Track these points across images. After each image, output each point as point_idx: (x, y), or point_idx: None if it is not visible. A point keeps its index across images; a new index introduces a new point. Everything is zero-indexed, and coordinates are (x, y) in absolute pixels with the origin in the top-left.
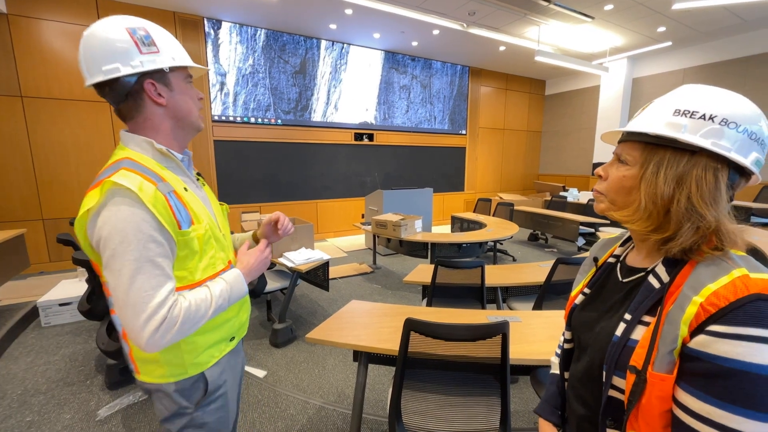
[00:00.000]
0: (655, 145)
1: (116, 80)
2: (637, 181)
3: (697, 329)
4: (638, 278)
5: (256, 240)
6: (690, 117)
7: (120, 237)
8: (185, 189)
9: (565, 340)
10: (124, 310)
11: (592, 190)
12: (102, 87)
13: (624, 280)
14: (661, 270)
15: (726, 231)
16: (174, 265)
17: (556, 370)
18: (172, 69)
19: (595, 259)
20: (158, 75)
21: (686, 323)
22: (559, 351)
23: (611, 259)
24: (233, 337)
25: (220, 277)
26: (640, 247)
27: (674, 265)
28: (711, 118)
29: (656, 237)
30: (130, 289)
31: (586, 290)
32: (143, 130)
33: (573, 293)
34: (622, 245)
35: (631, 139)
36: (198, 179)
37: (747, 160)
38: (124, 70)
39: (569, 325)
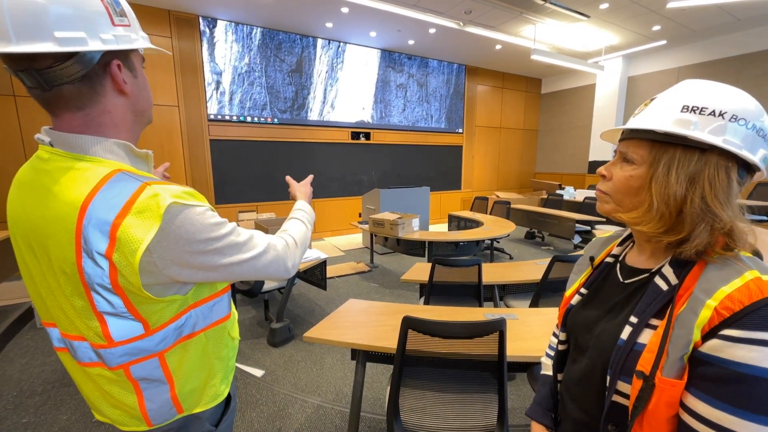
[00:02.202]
0: (663, 143)
1: (72, 55)
2: (645, 181)
3: (710, 333)
4: (642, 279)
5: None
6: (699, 113)
7: (213, 233)
8: None
9: (560, 341)
10: (265, 269)
11: (589, 187)
12: (39, 59)
13: (626, 281)
14: (668, 271)
15: (739, 231)
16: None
17: (548, 371)
18: (133, 50)
19: (591, 259)
20: (123, 56)
21: (699, 327)
22: (551, 352)
23: (609, 259)
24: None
25: (294, 210)
26: (643, 247)
27: (682, 266)
28: (721, 114)
29: (669, 239)
30: (247, 247)
31: (583, 290)
32: (98, 127)
33: (568, 293)
34: (620, 245)
35: (636, 136)
36: None
37: (756, 157)
38: (93, 45)
39: (564, 326)
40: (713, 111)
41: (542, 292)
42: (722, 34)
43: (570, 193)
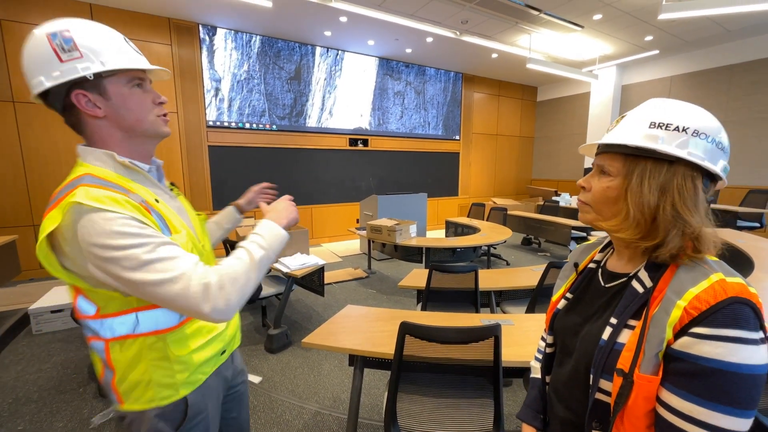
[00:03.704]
0: (635, 156)
1: (47, 94)
2: (621, 191)
3: (681, 331)
4: (621, 283)
5: (238, 209)
6: (665, 129)
7: (113, 240)
8: (156, 200)
9: (547, 345)
10: (170, 301)
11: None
12: (44, 100)
13: (606, 285)
14: (643, 275)
15: (705, 236)
16: None
17: (537, 374)
18: (108, 74)
19: (576, 265)
20: (90, 84)
21: (671, 326)
22: (539, 355)
23: (592, 265)
24: (224, 351)
25: (251, 233)
26: (621, 253)
27: (656, 269)
28: (684, 129)
29: (645, 244)
30: (153, 269)
31: (569, 295)
32: (96, 143)
33: (554, 298)
34: (601, 251)
35: (610, 150)
36: (172, 189)
37: (717, 168)
38: (48, 83)
39: (551, 330)
40: (677, 127)
41: (538, 298)
42: (713, 45)
43: (566, 200)
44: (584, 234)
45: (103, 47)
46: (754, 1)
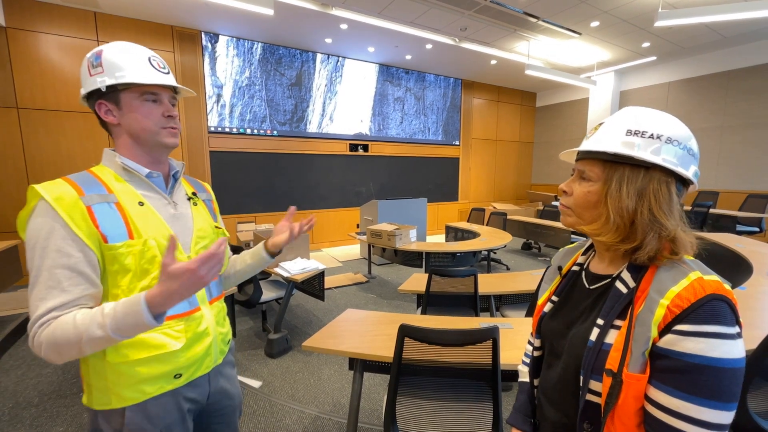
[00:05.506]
0: (614, 162)
1: (85, 101)
2: (601, 196)
3: (665, 329)
4: (605, 284)
5: (268, 250)
6: (641, 136)
7: (31, 243)
8: (140, 203)
9: (535, 348)
10: None
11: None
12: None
13: (591, 287)
14: (626, 276)
15: (680, 238)
16: (107, 280)
17: (525, 378)
18: (124, 87)
19: (559, 268)
20: (110, 95)
21: (656, 324)
22: (527, 359)
23: (575, 268)
24: (179, 375)
25: (118, 302)
26: (603, 255)
27: (638, 270)
28: (658, 137)
29: (625, 247)
30: (30, 294)
31: (554, 298)
32: (116, 146)
33: (540, 302)
34: (584, 254)
35: (590, 157)
36: (190, 199)
37: (689, 173)
38: (82, 92)
39: (539, 333)
40: (652, 134)
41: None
42: (710, 51)
43: None
44: (584, 239)
45: (123, 64)
46: (749, 9)
